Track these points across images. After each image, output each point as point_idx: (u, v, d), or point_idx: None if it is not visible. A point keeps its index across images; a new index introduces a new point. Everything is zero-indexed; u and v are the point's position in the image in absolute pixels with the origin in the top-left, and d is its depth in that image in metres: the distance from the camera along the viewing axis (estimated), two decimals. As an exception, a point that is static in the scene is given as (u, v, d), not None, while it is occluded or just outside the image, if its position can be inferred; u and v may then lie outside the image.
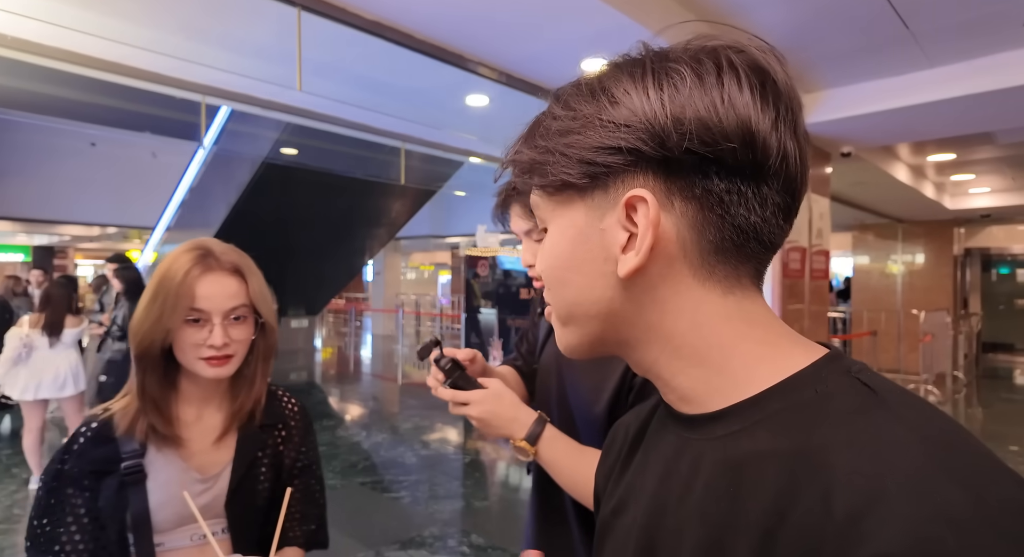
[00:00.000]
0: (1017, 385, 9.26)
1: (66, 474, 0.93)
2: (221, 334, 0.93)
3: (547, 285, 0.49)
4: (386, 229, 9.79)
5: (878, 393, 0.38)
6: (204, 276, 0.94)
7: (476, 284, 6.39)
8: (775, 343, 0.44)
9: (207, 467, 0.99)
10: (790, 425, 0.39)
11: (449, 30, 2.91)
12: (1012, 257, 11.03)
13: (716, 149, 0.40)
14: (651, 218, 0.41)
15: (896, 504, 0.32)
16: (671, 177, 0.42)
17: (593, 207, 0.45)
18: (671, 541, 0.44)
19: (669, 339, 0.45)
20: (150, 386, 0.95)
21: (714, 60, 0.41)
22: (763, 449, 0.40)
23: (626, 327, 0.46)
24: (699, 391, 0.45)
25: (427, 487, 4.25)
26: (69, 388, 4.08)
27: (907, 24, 3.28)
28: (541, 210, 0.49)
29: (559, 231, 0.47)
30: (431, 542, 3.37)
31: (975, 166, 7.08)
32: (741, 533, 0.38)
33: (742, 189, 0.41)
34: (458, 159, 6.15)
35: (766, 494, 0.38)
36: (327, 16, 2.68)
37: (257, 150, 6.39)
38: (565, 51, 3.11)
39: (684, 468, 0.45)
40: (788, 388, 0.41)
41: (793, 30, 3.36)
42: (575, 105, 0.44)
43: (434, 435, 5.67)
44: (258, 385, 1.04)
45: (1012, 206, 8.66)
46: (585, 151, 0.43)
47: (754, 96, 0.41)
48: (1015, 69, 3.62)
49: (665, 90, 0.41)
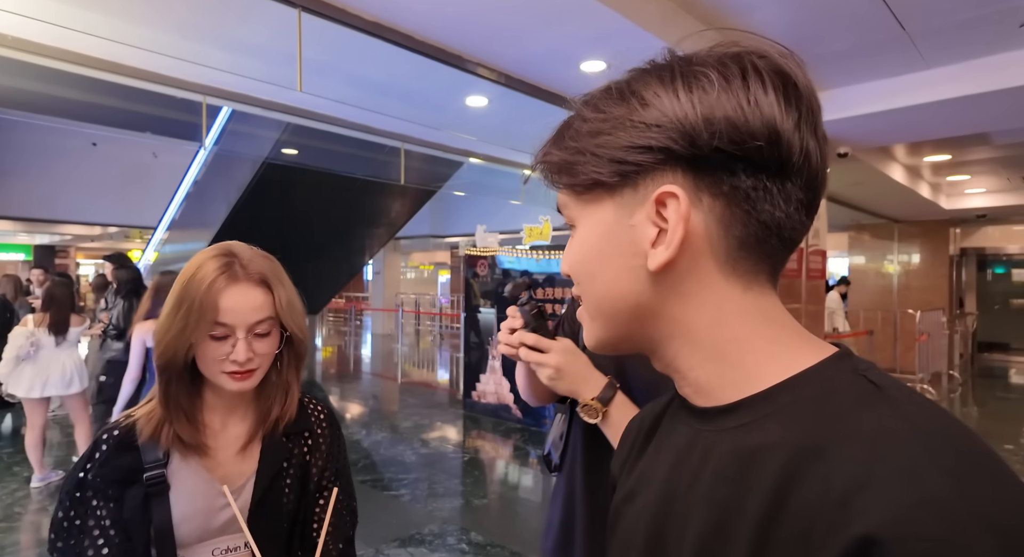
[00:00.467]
0: (1012, 384, 9.30)
1: (89, 483, 0.90)
2: (245, 349, 0.89)
3: (576, 280, 0.52)
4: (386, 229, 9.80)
5: (883, 390, 0.40)
6: (229, 288, 0.90)
7: (475, 283, 6.41)
8: (787, 341, 0.46)
9: (231, 478, 0.95)
10: (797, 418, 0.41)
11: (449, 31, 2.93)
12: (1007, 257, 11.07)
13: (744, 147, 0.42)
14: (682, 212, 0.43)
15: (884, 489, 0.34)
16: (699, 174, 0.44)
17: (622, 204, 0.47)
18: (678, 525, 0.46)
19: (690, 333, 0.47)
20: (176, 395, 0.92)
21: (739, 65, 0.44)
22: (771, 440, 0.41)
23: (652, 321, 0.48)
24: (713, 384, 0.47)
25: (427, 485, 4.28)
26: (75, 386, 4.12)
27: (903, 25, 3.31)
28: (570, 209, 0.51)
29: (588, 228, 0.49)
30: (431, 540, 3.39)
31: (971, 167, 7.11)
32: (743, 517, 0.40)
33: (768, 185, 0.43)
34: (458, 159, 6.17)
35: (770, 481, 0.40)
36: (327, 17, 2.70)
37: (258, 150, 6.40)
38: (564, 52, 3.14)
39: (695, 457, 0.47)
40: (797, 383, 0.43)
41: (790, 31, 3.39)
42: (605, 108, 0.46)
43: (433, 433, 5.70)
44: (294, 395, 1.00)
45: (1007, 206, 8.70)
46: (616, 150, 0.45)
47: (778, 98, 0.43)
48: (1011, 70, 3.64)
49: (694, 92, 0.43)
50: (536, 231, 5.90)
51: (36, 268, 6.77)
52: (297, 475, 1.00)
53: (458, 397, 6.99)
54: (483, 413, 6.24)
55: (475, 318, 6.40)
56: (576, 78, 3.47)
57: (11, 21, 2.88)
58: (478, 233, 6.53)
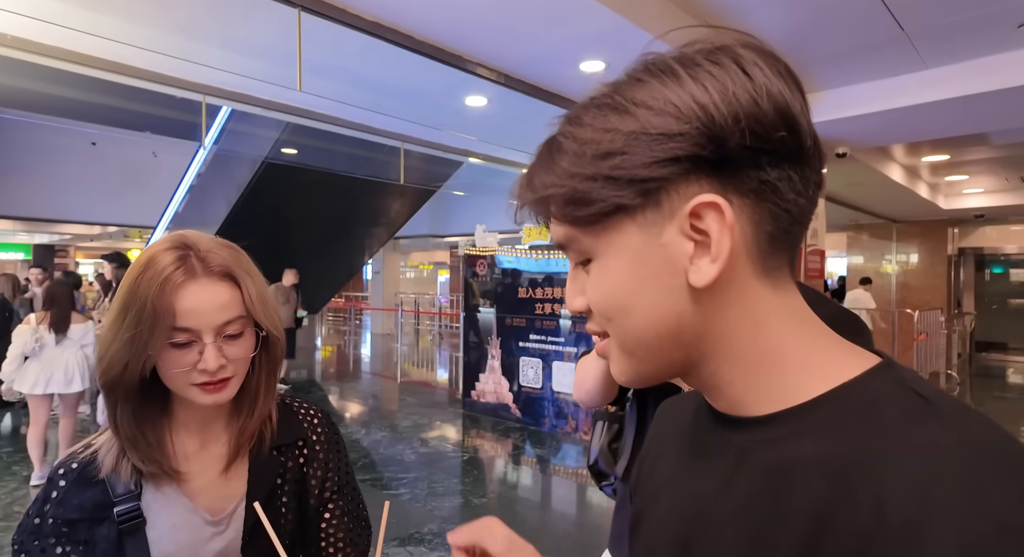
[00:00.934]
0: (1010, 384, 9.31)
1: (48, 528, 0.76)
2: (215, 356, 0.75)
3: (607, 317, 0.46)
4: (385, 228, 9.81)
5: (932, 403, 0.39)
6: (187, 285, 0.75)
7: (475, 283, 6.42)
8: (826, 347, 0.45)
9: (217, 505, 0.83)
10: (840, 432, 0.40)
11: (448, 31, 2.94)
12: (1005, 257, 11.08)
13: (769, 139, 0.41)
14: (728, 221, 0.41)
15: (952, 513, 0.33)
16: (725, 176, 0.41)
17: (647, 225, 0.43)
18: (708, 538, 0.45)
19: (731, 348, 0.45)
20: (124, 421, 0.77)
21: (732, 56, 0.42)
22: (810, 454, 0.40)
23: (694, 343, 0.45)
24: (749, 397, 0.45)
25: (426, 484, 4.28)
26: (76, 384, 4.16)
27: (902, 26, 3.31)
28: (579, 243, 0.46)
29: (611, 258, 0.45)
30: (430, 539, 3.40)
31: (969, 167, 7.13)
32: (784, 535, 0.39)
33: (790, 174, 0.42)
34: (457, 159, 6.18)
35: (812, 498, 0.38)
36: (327, 17, 2.70)
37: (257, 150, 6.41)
38: (563, 52, 3.14)
39: (723, 468, 0.46)
40: (840, 396, 0.42)
41: (790, 31, 3.40)
42: (609, 124, 0.42)
43: (433, 433, 5.70)
44: (262, 403, 0.86)
45: (1005, 206, 8.71)
46: (637, 169, 0.41)
47: (785, 83, 0.42)
48: (1009, 70, 3.65)
49: (711, 91, 0.40)
50: (535, 231, 5.90)
51: (35, 267, 6.77)
52: (294, 491, 0.87)
53: (457, 396, 6.99)
54: (482, 412, 6.24)
55: (474, 318, 6.40)
56: (575, 78, 3.48)
57: (10, 20, 2.89)
58: (477, 233, 6.54)
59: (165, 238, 0.80)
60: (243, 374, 0.81)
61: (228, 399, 0.80)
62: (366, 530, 0.94)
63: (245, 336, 0.80)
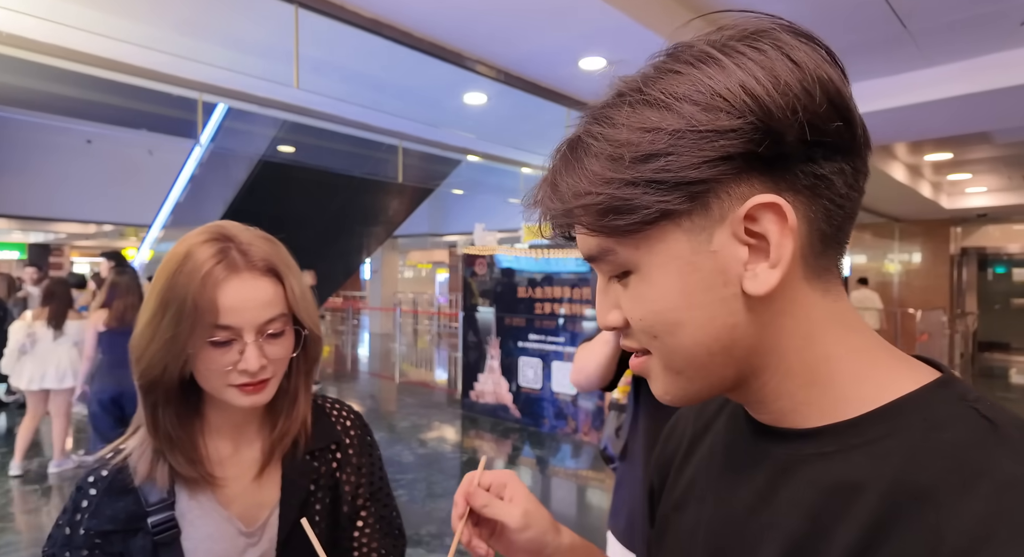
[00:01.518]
0: (1012, 384, 9.30)
1: (80, 539, 0.72)
2: (256, 356, 0.71)
3: (651, 335, 0.42)
4: (384, 227, 9.78)
5: (998, 427, 0.36)
6: (230, 280, 0.71)
7: (474, 282, 6.38)
8: (878, 357, 0.42)
9: (250, 513, 0.79)
10: (894, 454, 0.37)
11: (447, 28, 2.90)
12: (1008, 256, 11.07)
13: (826, 131, 0.37)
14: (790, 223, 0.38)
15: (1006, 551, 0.30)
16: (777, 172, 0.38)
17: (695, 231, 0.39)
18: (743, 551, 0.43)
19: (782, 360, 0.42)
20: (166, 422, 0.74)
21: (773, 42, 0.38)
22: (861, 476, 0.38)
23: (746, 358, 0.42)
24: (797, 410, 0.42)
25: (424, 486, 4.25)
26: (68, 381, 4.20)
27: (905, 23, 3.28)
28: (616, 255, 0.42)
29: (657, 270, 0.41)
30: (428, 541, 3.37)
31: (972, 165, 7.10)
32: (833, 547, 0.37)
33: (844, 167, 0.39)
34: (456, 157, 6.14)
35: (860, 522, 0.36)
36: (325, 14, 2.67)
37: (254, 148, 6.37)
38: (563, 49, 3.11)
39: (761, 480, 0.44)
40: (894, 413, 0.39)
41: (791, 29, 3.37)
42: (648, 123, 0.38)
43: (431, 434, 5.67)
44: (301, 407, 0.82)
45: (1009, 205, 8.69)
46: (684, 171, 0.37)
47: (833, 68, 0.39)
48: (1012, 69, 3.62)
49: (763, 81, 0.37)
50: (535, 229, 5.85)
51: (29, 266, 6.75)
52: (327, 497, 0.83)
53: (456, 397, 6.96)
54: (481, 413, 6.21)
55: (473, 317, 6.37)
56: (575, 75, 3.44)
57: (4, 17, 2.85)
58: (476, 232, 6.51)
59: (202, 229, 0.76)
60: (281, 375, 0.78)
61: (266, 401, 0.76)
62: (400, 539, 0.89)
63: (286, 335, 0.76)
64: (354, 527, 0.85)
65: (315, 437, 0.84)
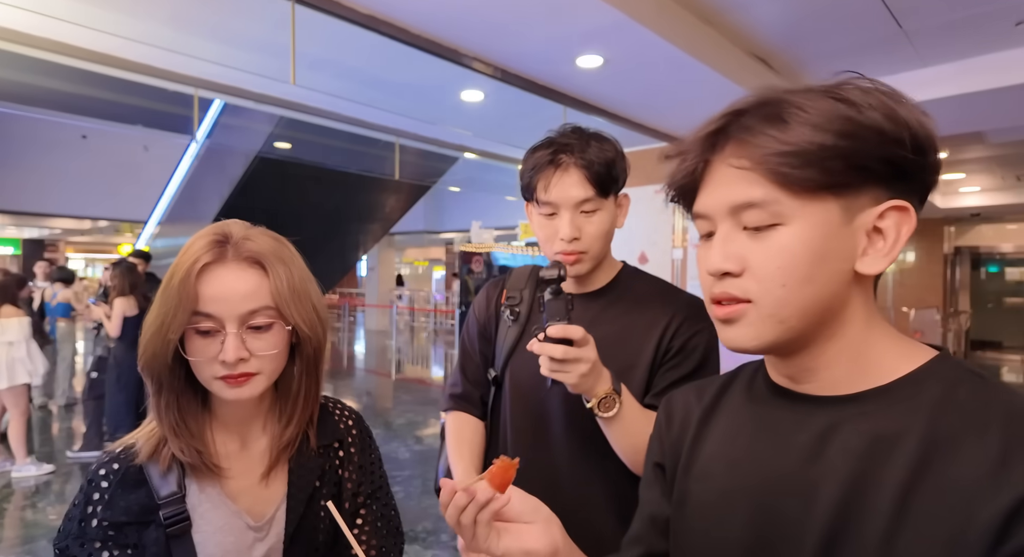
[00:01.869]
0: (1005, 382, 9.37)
1: (94, 531, 0.72)
2: (235, 347, 0.71)
3: (782, 282, 0.50)
4: (380, 224, 9.77)
5: (989, 382, 0.49)
6: (212, 268, 0.73)
7: (470, 280, 6.38)
8: (899, 338, 0.54)
9: (258, 509, 0.80)
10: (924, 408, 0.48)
11: (444, 25, 2.90)
12: (1001, 256, 11.13)
13: (934, 163, 0.50)
14: (912, 225, 0.49)
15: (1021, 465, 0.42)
16: (905, 184, 0.50)
17: (846, 208, 0.49)
18: (797, 499, 0.51)
19: (847, 334, 0.52)
20: (164, 405, 0.76)
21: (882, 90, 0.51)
22: (900, 426, 0.48)
23: (827, 323, 0.51)
24: (842, 379, 0.52)
25: (420, 482, 4.26)
26: (3, 381, 4.13)
27: (900, 23, 3.29)
28: (781, 205, 0.49)
29: (811, 227, 0.49)
30: (424, 537, 3.38)
31: (966, 165, 7.14)
32: (881, 487, 0.46)
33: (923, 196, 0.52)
34: (453, 154, 6.13)
35: (906, 460, 0.46)
36: (321, 9, 2.66)
37: (250, 144, 6.35)
38: (561, 47, 3.11)
39: (806, 440, 0.52)
40: (919, 378, 0.50)
41: (787, 28, 3.37)
42: (845, 113, 0.48)
43: (427, 430, 5.68)
44: (301, 409, 0.83)
45: (1002, 205, 8.74)
46: (869, 159, 0.48)
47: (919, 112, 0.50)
48: (1007, 69, 3.64)
49: (917, 116, 0.49)
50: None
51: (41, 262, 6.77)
52: (331, 494, 0.85)
53: (452, 393, 6.96)
54: (477, 410, 6.21)
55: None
56: (572, 73, 3.45)
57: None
58: (473, 229, 6.51)
59: (208, 227, 0.78)
60: (272, 373, 0.77)
61: (252, 397, 0.76)
62: (399, 537, 0.91)
63: (273, 330, 0.75)
64: (354, 525, 0.86)
65: (320, 435, 0.85)
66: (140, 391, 4.54)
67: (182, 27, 3.18)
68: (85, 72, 3.57)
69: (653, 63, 3.27)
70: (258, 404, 0.81)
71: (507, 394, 1.19)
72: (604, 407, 0.95)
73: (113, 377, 4.38)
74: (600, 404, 0.95)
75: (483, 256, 6.25)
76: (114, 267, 4.62)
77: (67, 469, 4.36)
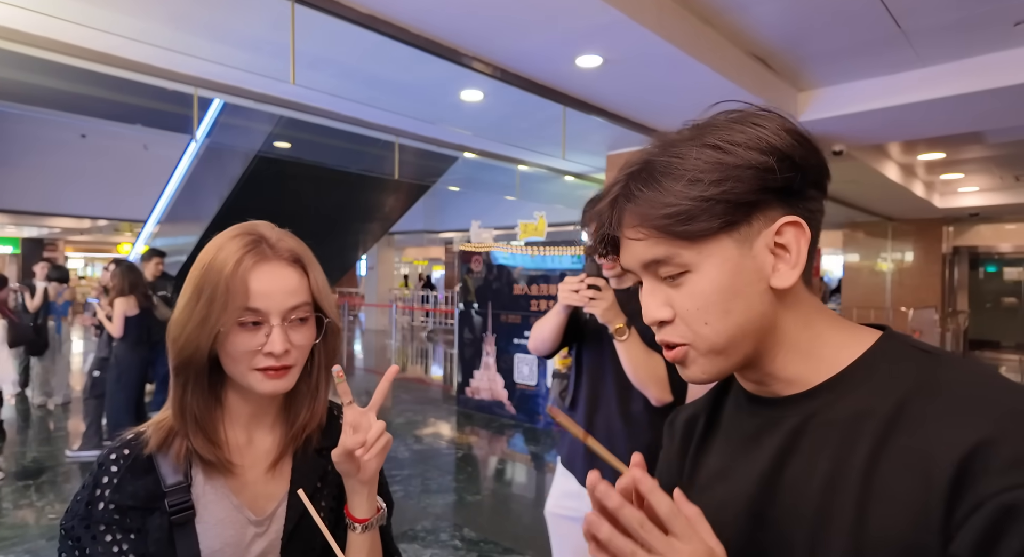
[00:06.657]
0: (1003, 382, 9.37)
1: (100, 514, 0.74)
2: (281, 338, 0.76)
3: (703, 321, 0.54)
4: (380, 224, 9.76)
5: (932, 353, 0.53)
6: (259, 267, 0.77)
7: (470, 279, 6.39)
8: (843, 326, 0.58)
9: (259, 504, 0.82)
10: (881, 387, 0.52)
11: (444, 24, 2.90)
12: (999, 255, 11.15)
13: (818, 173, 0.55)
14: (807, 234, 0.54)
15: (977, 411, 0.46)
16: (793, 201, 0.54)
17: (742, 240, 0.54)
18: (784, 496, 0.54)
19: (788, 338, 0.56)
20: (194, 403, 0.78)
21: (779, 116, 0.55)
22: (864, 406, 0.52)
23: (764, 337, 0.56)
24: (800, 375, 0.56)
25: (419, 481, 4.27)
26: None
27: (899, 23, 3.30)
28: (681, 257, 0.54)
29: (714, 268, 0.54)
30: (423, 536, 3.38)
31: (965, 165, 7.14)
32: (851, 469, 0.50)
33: (820, 197, 0.57)
34: (452, 154, 6.13)
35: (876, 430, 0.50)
36: (321, 9, 2.66)
37: (250, 143, 6.35)
38: (560, 47, 3.11)
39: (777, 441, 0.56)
40: (869, 361, 0.54)
41: (786, 28, 3.38)
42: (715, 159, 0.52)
43: (427, 430, 5.68)
44: (321, 400, 0.86)
45: (1000, 205, 8.75)
46: (745, 195, 0.52)
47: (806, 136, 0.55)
48: (1006, 69, 3.65)
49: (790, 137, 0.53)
50: (531, 227, 5.88)
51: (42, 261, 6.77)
52: (332, 495, 0.86)
53: (452, 393, 6.97)
54: (476, 409, 6.23)
55: (469, 314, 6.38)
56: (571, 73, 3.45)
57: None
58: (473, 229, 6.51)
59: (233, 228, 0.82)
60: (302, 365, 0.82)
61: (287, 389, 0.80)
62: (390, 544, 0.92)
63: (309, 323, 0.81)
64: None
65: (325, 437, 0.87)
66: (140, 391, 4.55)
67: (182, 26, 3.18)
68: (85, 71, 3.57)
69: (652, 63, 3.28)
70: (272, 399, 0.84)
71: None
72: (619, 333, 1.53)
73: (114, 376, 4.39)
74: (616, 331, 1.53)
75: (482, 255, 6.25)
76: (114, 266, 4.62)
77: (66, 468, 4.36)
